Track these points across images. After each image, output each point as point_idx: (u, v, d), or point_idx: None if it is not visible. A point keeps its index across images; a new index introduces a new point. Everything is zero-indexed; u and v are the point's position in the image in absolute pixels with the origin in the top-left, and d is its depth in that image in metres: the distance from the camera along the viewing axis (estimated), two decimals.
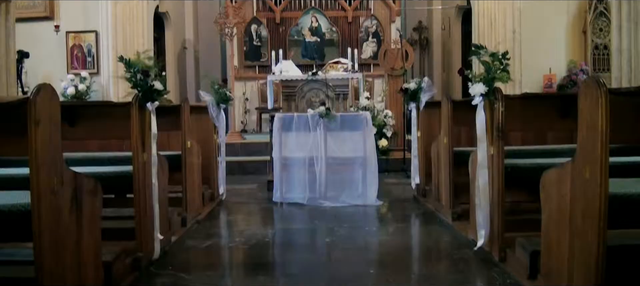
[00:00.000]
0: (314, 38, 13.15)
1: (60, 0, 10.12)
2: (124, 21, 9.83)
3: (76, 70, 10.10)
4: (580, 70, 10.22)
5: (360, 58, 12.77)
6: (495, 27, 9.98)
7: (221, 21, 10.77)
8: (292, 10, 13.34)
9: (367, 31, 13.25)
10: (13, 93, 6.04)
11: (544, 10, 10.42)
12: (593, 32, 10.27)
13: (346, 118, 6.96)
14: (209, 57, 15.09)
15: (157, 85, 3.85)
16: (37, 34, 10.01)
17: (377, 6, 13.32)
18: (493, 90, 3.93)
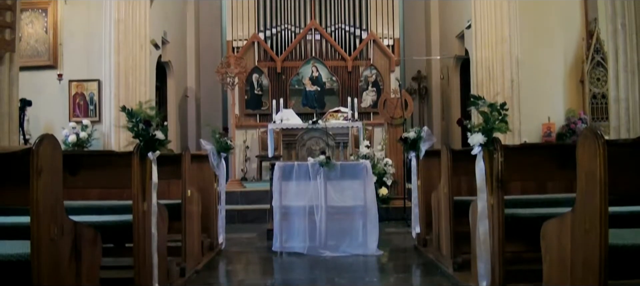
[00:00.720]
0: (314, 87, 13.28)
1: (64, 50, 10.26)
2: (127, 70, 9.92)
3: (78, 118, 10.16)
4: (578, 119, 10.30)
5: (360, 107, 12.87)
6: (494, 76, 10.07)
7: (223, 71, 10.89)
8: (293, 60, 13.51)
9: (366, 80, 13.39)
10: (15, 141, 6.06)
11: (541, 60, 10.56)
12: (591, 82, 10.38)
13: (346, 167, 6.97)
14: (210, 106, 15.23)
15: (158, 135, 3.88)
16: (40, 82, 10.11)
17: (377, 56, 13.49)
18: (492, 141, 3.96)
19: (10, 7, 5.96)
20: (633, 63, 6.25)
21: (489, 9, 10.14)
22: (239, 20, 13.63)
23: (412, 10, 15.73)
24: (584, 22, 10.68)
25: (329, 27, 13.70)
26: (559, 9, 10.68)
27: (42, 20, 10.31)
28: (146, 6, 10.27)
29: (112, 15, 9.88)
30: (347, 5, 13.75)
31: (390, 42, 13.66)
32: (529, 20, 10.43)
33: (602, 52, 10.15)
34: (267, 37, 13.59)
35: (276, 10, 13.75)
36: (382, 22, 13.66)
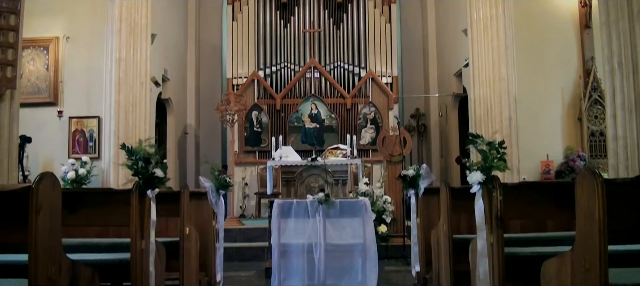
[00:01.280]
0: (313, 124, 13.34)
1: (64, 87, 10.33)
2: (127, 107, 9.97)
3: (77, 155, 10.17)
4: (577, 156, 10.32)
5: (359, 144, 12.90)
6: (492, 114, 10.13)
7: (222, 108, 10.94)
8: (292, 98, 13.59)
9: (365, 118, 13.45)
10: (14, 178, 6.06)
11: (539, 98, 10.64)
12: (589, 119, 10.43)
13: (345, 205, 6.95)
14: (210, 143, 15.26)
15: (158, 173, 3.89)
16: (40, 119, 10.16)
17: (375, 94, 13.58)
18: (491, 179, 3.97)
19: (12, 45, 6.02)
20: (630, 101, 6.29)
21: (486, 48, 10.25)
22: (239, 58, 13.75)
23: (410, 48, 15.89)
24: (581, 61, 10.78)
25: (328, 65, 13.82)
26: (556, 48, 10.80)
27: (43, 57, 10.40)
28: (147, 45, 10.38)
29: (113, 54, 9.98)
30: (346, 43, 13.89)
31: (389, 80, 13.76)
32: (526, 58, 10.53)
33: (599, 90, 10.23)
34: (267, 74, 13.70)
35: (276, 48, 13.88)
36: (380, 60, 13.79)
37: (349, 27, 13.97)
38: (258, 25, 13.89)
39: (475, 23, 10.48)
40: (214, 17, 15.93)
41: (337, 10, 14.19)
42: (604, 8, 6.33)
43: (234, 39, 13.83)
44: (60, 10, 10.52)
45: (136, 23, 10.21)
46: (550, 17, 10.91)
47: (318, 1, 14.05)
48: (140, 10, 10.30)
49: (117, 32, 10.01)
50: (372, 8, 13.93)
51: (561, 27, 10.88)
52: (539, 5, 10.93)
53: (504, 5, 10.25)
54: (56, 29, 10.46)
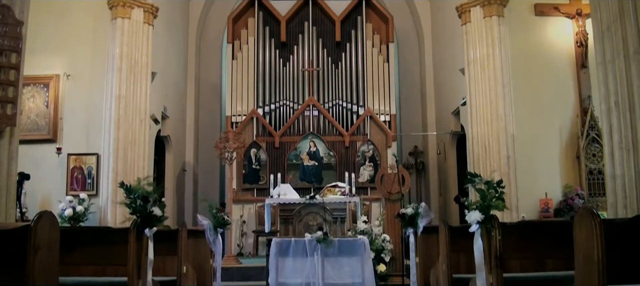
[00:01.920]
0: (312, 162, 13.34)
1: (63, 124, 10.36)
2: (126, 145, 9.99)
3: (75, 192, 10.15)
4: (576, 195, 10.32)
5: (358, 182, 12.88)
6: (490, 152, 10.16)
7: (221, 145, 10.97)
8: (291, 135, 13.62)
9: (364, 155, 13.47)
10: (12, 216, 6.04)
11: (537, 136, 10.68)
12: (587, 157, 10.46)
13: (343, 243, 6.92)
14: (208, 180, 15.24)
15: (156, 212, 3.88)
16: (38, 156, 10.16)
17: (374, 131, 13.62)
18: (489, 218, 3.97)
19: (13, 83, 6.06)
20: (628, 140, 6.31)
21: (484, 87, 10.34)
22: (238, 96, 13.82)
23: (408, 87, 16.01)
24: (578, 99, 10.86)
25: (326, 103, 13.89)
26: (553, 87, 10.89)
27: (43, 94, 10.45)
28: (147, 82, 10.46)
29: (113, 91, 10.06)
30: (344, 82, 13.99)
31: (387, 118, 13.82)
32: (523, 97, 10.62)
33: (597, 128, 10.28)
34: (266, 112, 13.75)
35: (275, 86, 13.97)
36: (378, 98, 13.87)
37: (348, 66, 14.09)
38: (257, 64, 14.00)
39: (472, 62, 10.59)
40: (214, 55, 16.08)
41: (335, 50, 14.33)
42: (600, 48, 6.40)
43: (234, 76, 13.92)
44: (61, 48, 10.62)
45: (136, 61, 10.31)
46: (546, 56, 11.03)
47: (317, 40, 14.19)
48: (141, 48, 10.42)
49: (118, 69, 10.11)
50: (370, 47, 14.07)
51: (558, 66, 10.99)
52: (535, 44, 11.07)
53: (501, 45, 10.38)
54: (57, 66, 10.54)
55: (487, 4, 10.51)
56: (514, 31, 10.79)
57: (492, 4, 10.49)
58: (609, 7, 6.19)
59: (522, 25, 11.07)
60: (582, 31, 10.92)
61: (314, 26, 14.31)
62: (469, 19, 10.72)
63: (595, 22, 6.44)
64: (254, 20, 14.22)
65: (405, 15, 16.05)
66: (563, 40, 11.10)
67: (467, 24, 10.77)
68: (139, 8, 10.48)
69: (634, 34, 5.92)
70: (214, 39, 16.12)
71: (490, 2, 10.49)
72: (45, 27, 10.45)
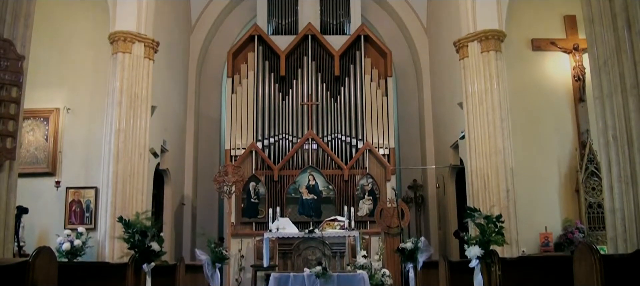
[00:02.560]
0: (311, 196, 13.31)
1: (63, 157, 10.37)
2: (125, 178, 9.98)
3: (73, 225, 10.11)
4: (576, 229, 10.29)
5: (357, 216, 12.83)
6: (489, 186, 10.14)
7: (220, 179, 10.96)
8: (290, 169, 13.61)
9: (363, 189, 13.45)
10: (9, 250, 5.99)
11: (536, 169, 10.70)
12: (586, 191, 10.46)
13: (343, 278, 6.88)
14: (207, 214, 15.19)
15: (154, 246, 3.86)
16: (37, 189, 10.15)
17: (373, 165, 13.62)
18: (489, 253, 3.95)
19: (13, 117, 6.07)
20: (626, 174, 6.30)
21: (482, 121, 10.38)
22: (237, 130, 13.85)
23: (406, 121, 16.08)
24: (577, 133, 10.91)
25: (325, 136, 13.92)
26: (551, 120, 10.95)
27: (43, 128, 10.49)
28: (147, 116, 10.50)
29: (113, 125, 10.08)
30: (343, 116, 14.05)
31: (386, 151, 13.83)
32: (522, 131, 10.67)
33: (595, 162, 10.30)
34: (265, 146, 13.77)
35: (274, 120, 14.02)
36: (377, 132, 13.90)
37: (346, 100, 14.16)
38: (257, 98, 14.07)
39: (470, 96, 10.65)
40: (213, 89, 16.18)
41: (334, 84, 14.42)
42: (597, 82, 6.43)
43: (233, 110, 13.98)
44: (62, 82, 10.70)
45: (137, 95, 10.36)
46: (544, 90, 11.11)
47: (316, 75, 14.30)
48: (141, 82, 10.48)
49: (118, 103, 10.15)
50: (368, 81, 14.17)
51: (556, 100, 11.06)
52: (533, 79, 11.16)
53: (498, 79, 10.45)
54: (57, 100, 10.61)
55: (485, 39, 10.61)
56: (511, 66, 10.89)
57: (490, 39, 10.59)
58: (605, 42, 6.24)
59: (520, 60, 11.19)
60: (579, 65, 11.02)
61: (313, 61, 14.43)
62: (466, 53, 10.82)
63: (592, 57, 6.49)
64: (254, 55, 14.35)
65: (403, 50, 16.22)
66: (560, 74, 11.20)
67: (464, 58, 10.87)
68: (139, 43, 10.57)
69: (630, 68, 5.96)
70: (214, 73, 16.25)
71: (488, 37, 10.60)
72: (47, 61, 10.55)
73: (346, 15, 15.07)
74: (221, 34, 16.29)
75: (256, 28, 14.59)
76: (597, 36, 6.37)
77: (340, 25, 15.04)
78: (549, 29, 11.37)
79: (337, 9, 15.12)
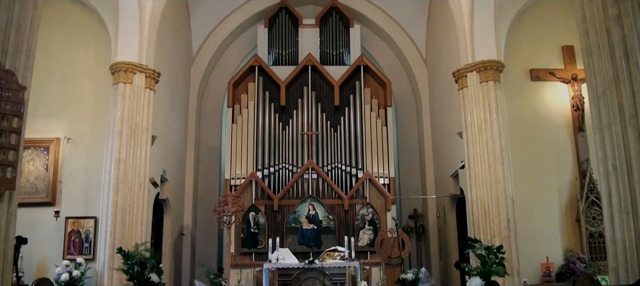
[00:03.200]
0: (310, 226, 13.27)
1: (62, 187, 10.36)
2: (124, 208, 9.96)
3: (72, 256, 10.07)
4: (577, 259, 10.24)
5: (357, 246, 12.76)
6: (490, 216, 10.11)
7: (220, 209, 10.93)
8: (290, 198, 13.58)
9: (363, 219, 13.40)
10: (8, 281, 5.95)
11: (536, 199, 10.69)
12: (587, 221, 10.44)
13: None
14: (206, 244, 15.13)
15: (153, 278, 3.84)
16: (36, 219, 10.14)
17: (373, 195, 13.59)
18: (491, 284, 3.93)
19: (14, 147, 6.08)
20: (627, 204, 6.29)
21: (482, 150, 10.40)
22: (237, 159, 13.86)
23: (406, 150, 16.12)
24: (577, 162, 10.92)
25: (325, 166, 13.92)
26: (551, 150, 10.98)
27: (43, 158, 10.51)
28: (147, 146, 10.52)
29: (113, 155, 10.10)
30: (343, 145, 14.07)
31: (386, 181, 13.82)
32: (521, 160, 10.68)
33: (596, 191, 10.30)
34: (265, 175, 13.76)
35: (274, 150, 14.04)
36: (377, 161, 13.91)
37: (346, 130, 14.20)
38: (257, 127, 14.11)
39: (469, 126, 10.69)
40: (214, 119, 16.25)
41: (334, 113, 14.47)
42: (596, 112, 6.46)
43: (233, 140, 14.01)
44: (63, 112, 10.76)
45: (137, 125, 10.40)
46: (544, 120, 11.16)
47: (316, 105, 14.36)
48: (142, 112, 10.53)
49: (118, 133, 10.18)
50: (368, 111, 14.22)
51: (555, 130, 11.11)
52: (532, 108, 11.22)
53: (498, 109, 10.50)
54: (58, 130, 10.65)
55: (483, 70, 10.68)
56: (510, 95, 10.95)
57: (488, 69, 10.67)
58: (603, 72, 6.29)
59: (519, 90, 11.26)
60: (578, 95, 11.08)
61: (313, 91, 14.51)
62: (465, 83, 10.88)
63: (591, 87, 6.53)
64: (254, 85, 14.43)
65: (402, 80, 16.34)
66: (559, 104, 11.26)
67: (463, 88, 10.93)
68: (140, 73, 10.65)
69: (629, 98, 5.99)
70: (214, 103, 16.34)
71: (486, 68, 10.68)
72: (48, 91, 10.63)
73: (346, 46, 15.21)
74: (222, 65, 16.43)
75: (257, 59, 14.70)
76: (595, 67, 6.42)
77: (340, 56, 15.16)
78: (547, 59, 11.46)
79: (336, 40, 15.26)
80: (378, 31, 16.40)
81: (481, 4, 10.76)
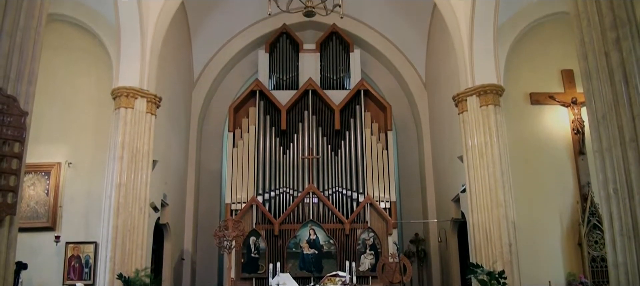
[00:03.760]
0: (311, 250, 13.20)
1: (63, 212, 10.35)
2: (124, 233, 9.93)
3: (72, 281, 10.02)
4: (580, 283, 10.17)
5: (358, 271, 12.69)
6: (491, 240, 10.07)
7: (220, 234, 10.89)
8: (290, 223, 13.52)
9: (364, 243, 13.34)
10: None
11: (538, 223, 10.67)
12: (589, 245, 10.40)
13: None
14: (206, 269, 15.05)
15: None
16: (36, 244, 10.12)
17: (374, 219, 13.55)
18: None
19: (15, 172, 6.09)
20: (628, 227, 6.27)
21: (483, 174, 10.39)
22: (238, 184, 13.85)
23: (407, 174, 16.11)
24: (577, 186, 10.91)
25: (326, 190, 13.90)
26: (552, 173, 10.98)
27: (44, 182, 10.52)
28: (148, 170, 10.52)
29: (114, 179, 10.10)
30: (344, 169, 14.06)
31: (387, 205, 13.77)
32: (522, 184, 10.67)
33: (597, 215, 10.27)
34: (266, 199, 13.74)
35: (275, 174, 14.03)
36: (378, 185, 13.89)
37: (347, 154, 14.21)
38: (258, 152, 14.12)
39: (470, 150, 10.70)
40: (214, 143, 16.28)
41: (335, 137, 14.49)
42: (596, 136, 6.47)
43: (234, 164, 14.01)
44: (64, 137, 10.79)
45: (138, 149, 10.42)
46: (544, 143, 11.17)
47: (317, 129, 14.39)
48: (143, 137, 10.55)
49: (119, 158, 10.19)
50: (369, 135, 14.24)
51: (556, 153, 11.11)
52: (532, 132, 11.24)
53: (498, 133, 10.51)
54: (59, 154, 10.67)
55: (483, 94, 10.72)
56: (510, 119, 10.98)
57: (488, 93, 10.70)
58: (603, 96, 6.32)
59: (519, 114, 11.29)
60: (578, 119, 11.10)
61: (314, 115, 14.54)
62: (465, 107, 10.91)
63: (591, 110, 6.55)
64: (255, 110, 14.47)
65: (403, 104, 16.40)
66: (560, 127, 11.28)
67: (464, 112, 10.95)
68: (142, 98, 10.69)
69: (629, 122, 6.01)
70: (215, 127, 16.38)
71: (486, 92, 10.71)
72: (49, 116, 10.66)
73: (346, 70, 15.29)
74: (223, 89, 16.51)
75: (257, 83, 14.76)
76: (594, 91, 6.45)
77: (340, 80, 15.23)
78: (546, 83, 11.50)
79: (337, 65, 15.34)
80: (378, 55, 16.50)
81: (480, 28, 10.83)
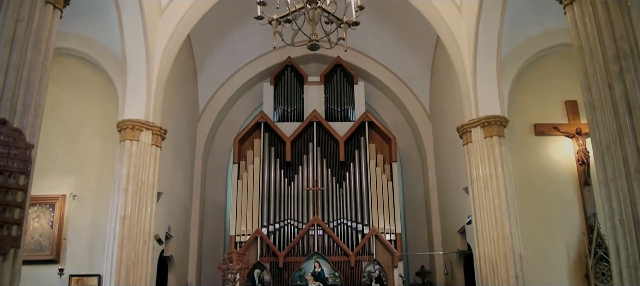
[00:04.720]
0: (316, 283, 13.09)
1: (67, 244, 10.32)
2: (128, 266, 9.88)
3: None
4: None
5: None
6: (498, 272, 9.97)
7: (224, 266, 10.86)
8: (295, 255, 13.45)
9: (370, 276, 13.24)
10: None
11: (544, 255, 10.56)
12: (596, 277, 10.27)
13: None
14: None
15: None
16: (40, 277, 10.05)
17: (379, 251, 13.47)
18: None
19: (20, 205, 6.10)
20: (635, 259, 6.22)
21: (488, 206, 10.33)
22: (243, 216, 13.83)
23: (412, 206, 16.06)
24: (584, 217, 10.82)
25: (331, 222, 13.86)
26: (557, 205, 10.90)
27: (49, 215, 10.51)
28: (153, 203, 10.51)
29: (118, 212, 10.08)
30: (348, 201, 14.04)
31: (393, 237, 13.72)
32: (528, 215, 10.60)
33: (604, 246, 10.17)
34: (270, 231, 13.70)
35: (280, 206, 14.01)
36: (383, 217, 13.85)
37: (352, 185, 14.20)
38: (263, 183, 14.12)
39: (475, 181, 10.66)
40: (219, 176, 16.29)
41: (340, 169, 14.51)
42: (601, 167, 6.46)
43: (239, 196, 14.01)
44: (69, 169, 10.80)
45: (143, 182, 10.42)
46: (549, 174, 11.12)
47: (321, 160, 14.41)
48: (148, 169, 10.56)
49: (124, 190, 10.19)
50: (373, 167, 14.24)
51: (561, 184, 11.05)
52: (537, 163, 11.20)
53: (503, 164, 10.47)
54: (64, 187, 10.67)
55: (487, 125, 10.71)
56: (515, 150, 10.96)
57: (492, 124, 10.70)
58: (607, 127, 6.32)
59: (523, 145, 11.27)
60: (583, 150, 11.07)
61: (319, 146, 14.58)
62: (470, 139, 10.91)
63: (595, 141, 6.55)
64: (260, 141, 14.52)
65: (407, 136, 16.43)
66: (565, 158, 11.23)
67: (468, 143, 10.94)
68: (147, 130, 10.72)
69: (633, 153, 6.01)
70: (220, 159, 16.41)
71: (490, 123, 10.70)
72: (54, 149, 10.69)
73: (350, 102, 15.37)
74: (228, 121, 16.59)
75: (262, 115, 14.84)
76: (598, 121, 6.46)
77: (344, 112, 15.29)
78: (550, 114, 11.50)
79: (341, 97, 15.43)
80: (382, 88, 16.60)
81: (484, 59, 10.88)
